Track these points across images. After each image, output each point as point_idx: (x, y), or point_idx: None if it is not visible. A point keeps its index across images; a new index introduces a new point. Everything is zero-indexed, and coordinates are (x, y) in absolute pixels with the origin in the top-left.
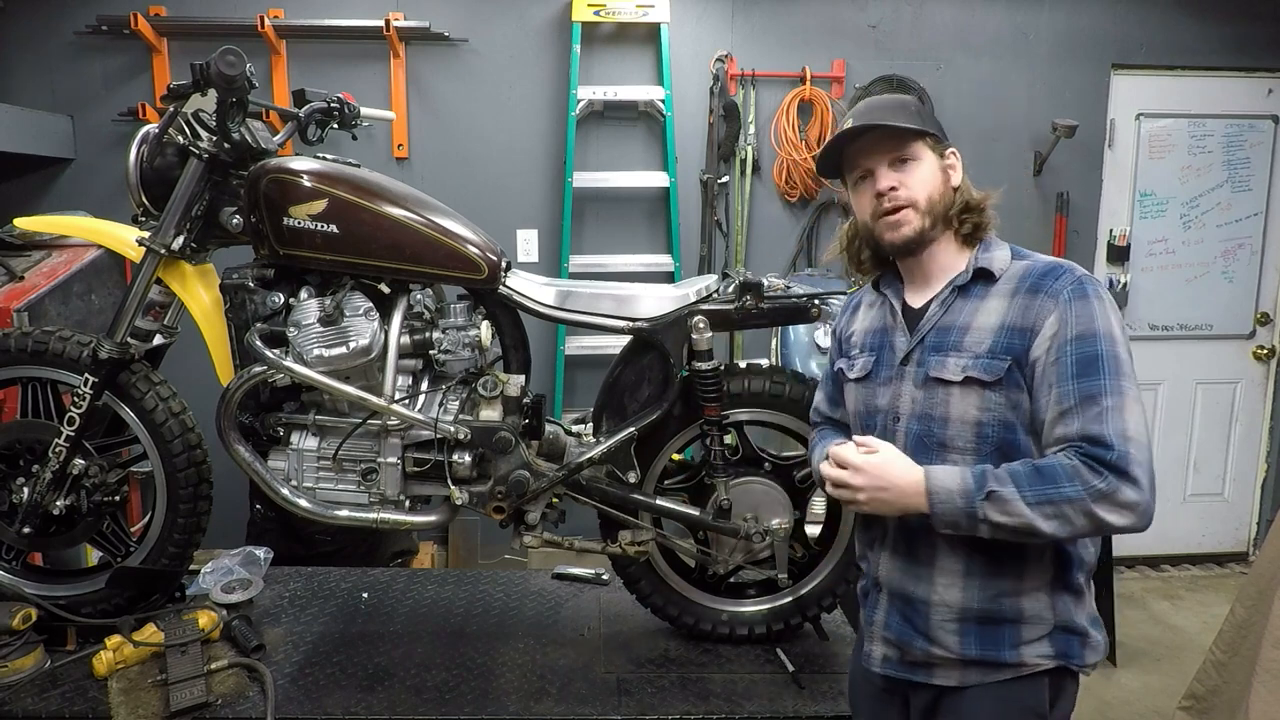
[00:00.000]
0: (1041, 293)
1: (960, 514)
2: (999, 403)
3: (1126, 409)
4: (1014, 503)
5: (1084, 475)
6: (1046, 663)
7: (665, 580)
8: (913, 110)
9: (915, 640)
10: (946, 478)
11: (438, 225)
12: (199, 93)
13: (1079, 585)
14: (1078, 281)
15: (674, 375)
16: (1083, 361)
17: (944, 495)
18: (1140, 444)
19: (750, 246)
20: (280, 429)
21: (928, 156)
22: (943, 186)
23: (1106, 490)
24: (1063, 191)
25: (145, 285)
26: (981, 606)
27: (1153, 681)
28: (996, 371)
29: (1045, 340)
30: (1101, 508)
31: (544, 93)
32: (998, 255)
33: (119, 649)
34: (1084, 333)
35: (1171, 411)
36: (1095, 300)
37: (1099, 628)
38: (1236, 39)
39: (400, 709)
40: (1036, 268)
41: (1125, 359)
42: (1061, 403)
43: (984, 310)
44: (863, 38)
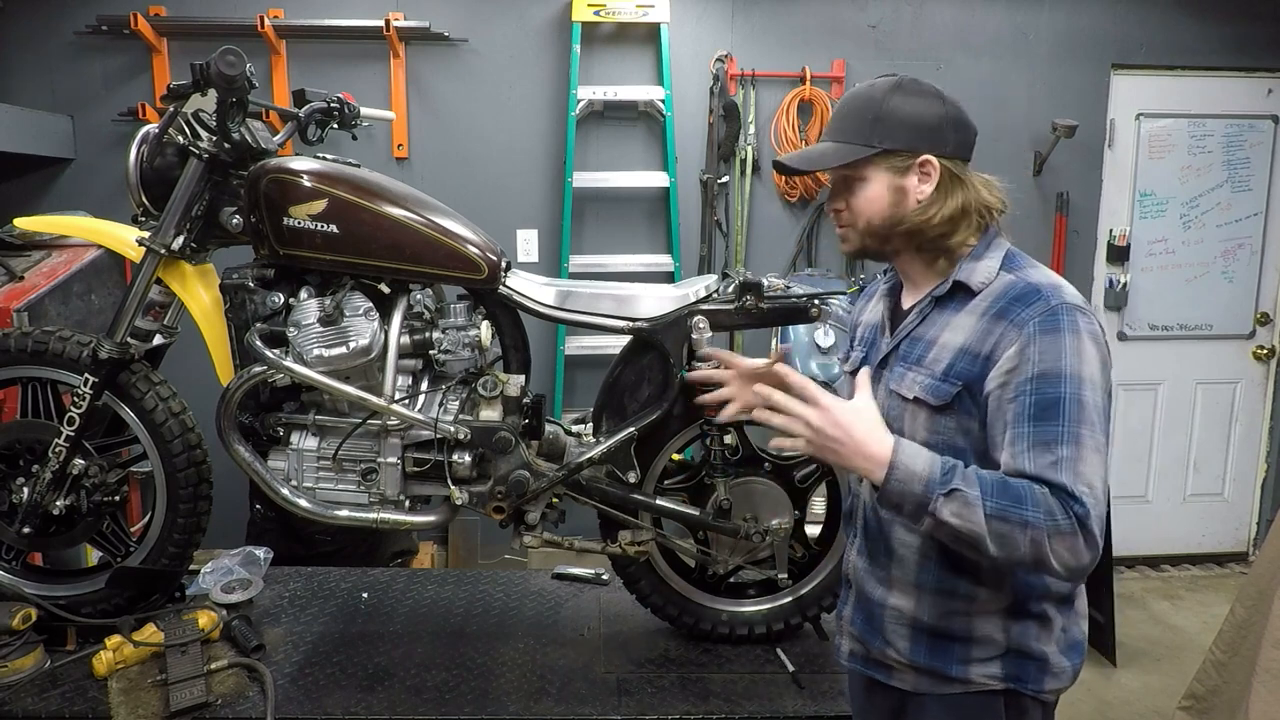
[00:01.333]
0: (1006, 320)
1: (912, 500)
2: (948, 427)
3: (1083, 460)
4: (974, 508)
5: (1051, 507)
6: (994, 684)
7: (665, 580)
8: (869, 118)
9: (874, 639)
10: (915, 460)
11: (438, 225)
12: (199, 93)
13: (1042, 612)
14: (1050, 312)
15: (674, 375)
16: (1041, 404)
17: (904, 475)
18: (1094, 498)
19: (750, 246)
20: (280, 429)
21: (876, 177)
22: (891, 208)
23: (1066, 531)
24: (1063, 191)
25: (145, 285)
26: (931, 621)
27: (1153, 681)
28: (944, 396)
29: (1001, 374)
30: (1053, 546)
31: (544, 93)
32: (983, 266)
33: (119, 649)
34: (1046, 372)
35: (1171, 411)
36: (1067, 335)
37: (1072, 654)
38: (1236, 39)
39: (400, 709)
40: (1015, 288)
41: (1093, 404)
42: (1015, 444)
43: (953, 327)
44: (863, 38)
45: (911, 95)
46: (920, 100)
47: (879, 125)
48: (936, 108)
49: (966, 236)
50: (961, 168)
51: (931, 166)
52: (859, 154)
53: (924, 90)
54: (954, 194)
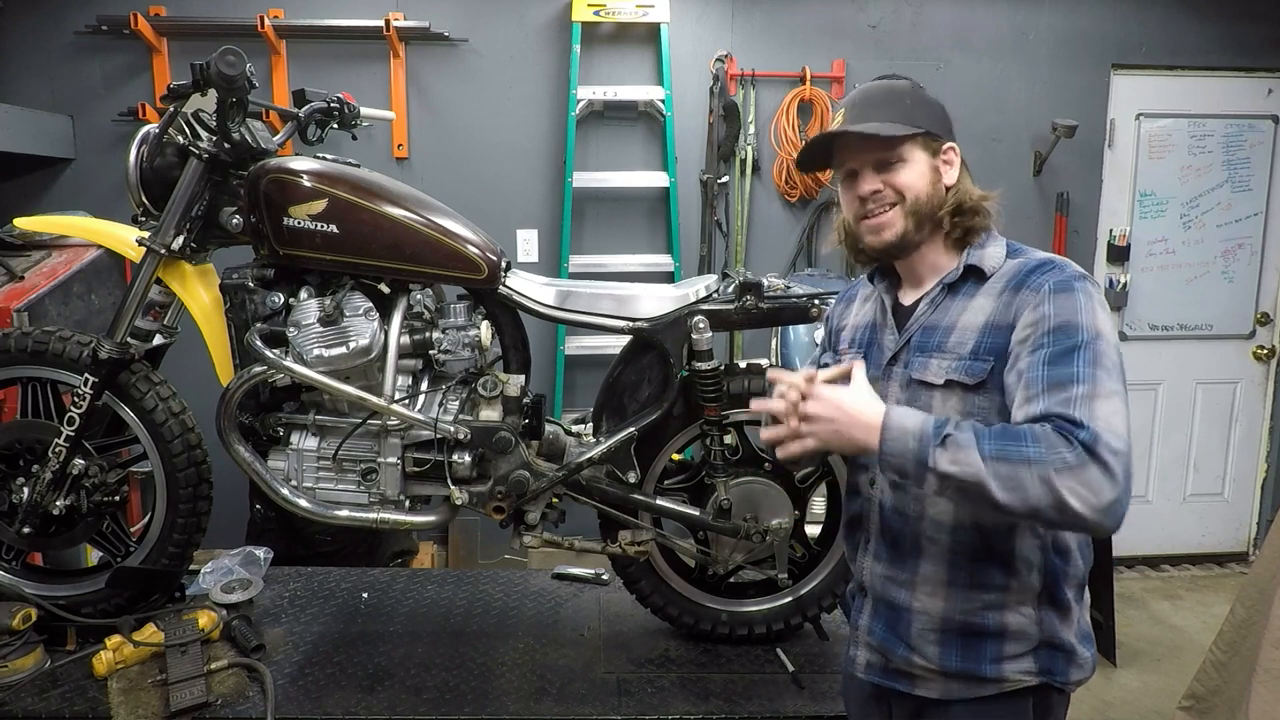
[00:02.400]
0: (1026, 288)
1: (910, 458)
2: (983, 406)
3: (1099, 398)
4: (968, 450)
5: (1052, 441)
6: (1029, 679)
7: (665, 580)
8: (906, 104)
9: (897, 648)
10: (905, 416)
11: (438, 225)
12: (199, 93)
13: (1066, 600)
14: (1065, 278)
15: (674, 375)
16: (1058, 353)
17: (897, 433)
18: (1115, 434)
19: (750, 246)
20: (280, 429)
21: (917, 156)
22: (931, 188)
23: (1074, 463)
24: (1063, 191)
25: (145, 285)
26: (964, 618)
27: (1153, 681)
28: (979, 374)
29: (1023, 329)
30: (1064, 481)
31: (544, 93)
32: (991, 252)
33: (119, 649)
34: (1063, 324)
35: (1171, 411)
36: (1081, 295)
37: (1088, 644)
38: (1236, 39)
39: (400, 709)
40: (1028, 264)
41: (1109, 354)
42: (1028, 389)
43: (971, 309)
44: (863, 38)
45: (923, 91)
46: (934, 99)
47: (917, 110)
48: (941, 107)
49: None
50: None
51: (954, 153)
52: (912, 131)
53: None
54: (967, 181)
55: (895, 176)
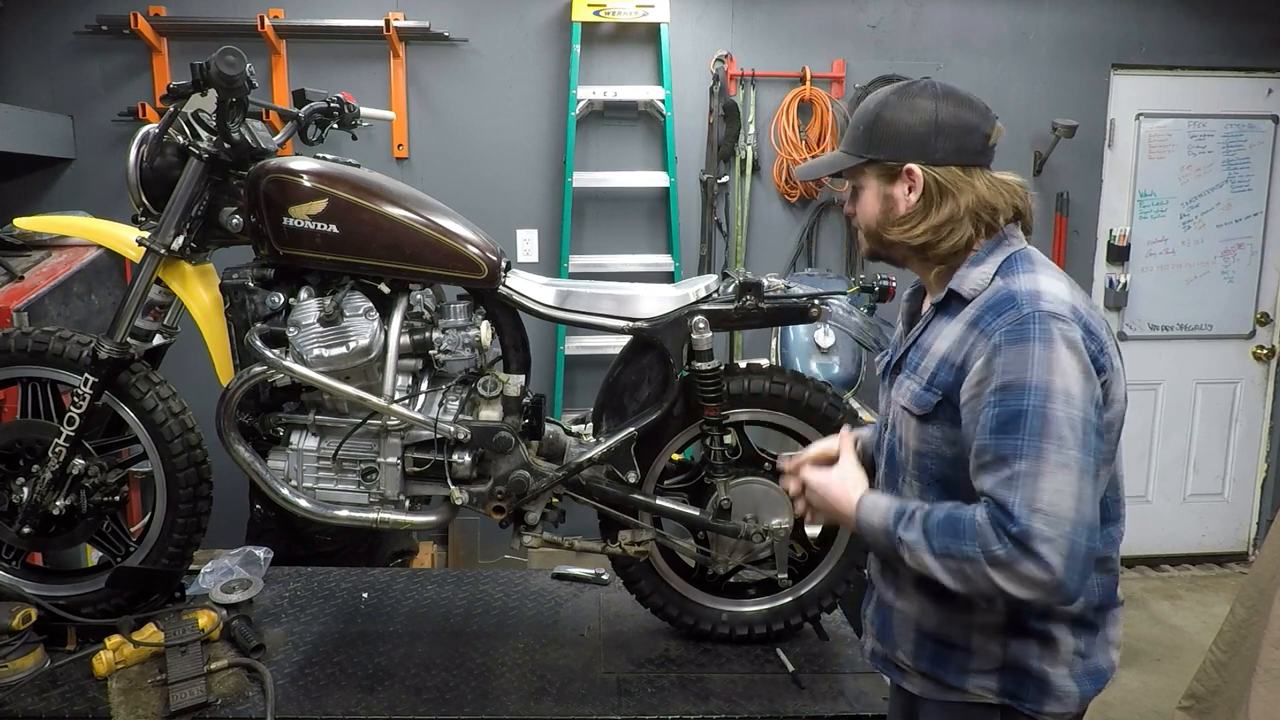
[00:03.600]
0: (978, 328)
1: (886, 550)
2: (935, 436)
3: (1043, 476)
4: (919, 552)
5: (986, 536)
6: (990, 697)
7: (665, 580)
8: (863, 126)
9: (887, 640)
10: (872, 513)
11: (438, 225)
12: (199, 93)
13: (1044, 631)
14: (1019, 321)
15: (674, 375)
16: (1003, 416)
17: (868, 530)
18: (1054, 516)
19: (750, 246)
20: (280, 429)
21: (870, 184)
22: (882, 215)
23: (1005, 559)
24: (1063, 191)
25: (145, 285)
26: (933, 627)
27: (1153, 681)
28: (925, 405)
29: (971, 385)
30: (999, 575)
31: (544, 93)
32: (978, 273)
33: (119, 649)
34: (1011, 384)
35: (1171, 411)
36: (1036, 344)
37: (1086, 681)
38: (1236, 39)
39: (400, 709)
40: (993, 298)
41: (1061, 417)
42: (980, 456)
43: (944, 335)
44: (863, 38)
45: (910, 100)
46: (913, 109)
47: (870, 135)
48: (927, 116)
49: (958, 243)
50: (955, 174)
51: (914, 177)
52: (848, 163)
53: (924, 93)
54: (943, 203)
55: (857, 202)
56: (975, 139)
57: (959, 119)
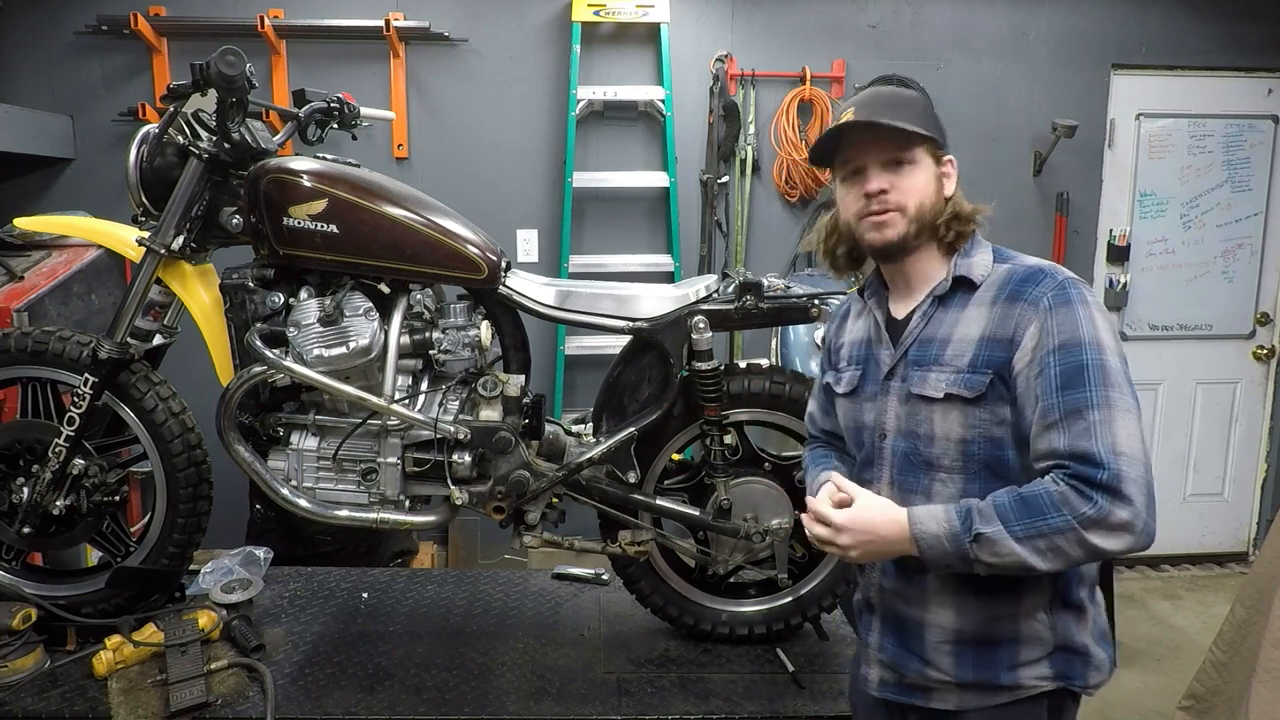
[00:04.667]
0: (1022, 300)
1: (953, 557)
2: (983, 419)
3: (1116, 421)
4: (1003, 542)
5: (1072, 502)
6: (1045, 684)
7: (665, 580)
8: (918, 110)
9: (910, 662)
10: (930, 522)
11: (438, 225)
12: (199, 93)
13: (1080, 601)
14: (1059, 286)
15: (674, 375)
16: (1067, 373)
17: (931, 541)
18: (1133, 458)
19: (750, 246)
20: (280, 429)
21: (925, 162)
22: (935, 195)
23: (1097, 515)
24: (1063, 191)
25: (145, 285)
26: (977, 629)
27: (1153, 681)
28: (978, 387)
29: (1027, 352)
30: (1095, 534)
31: (544, 93)
32: (978, 260)
33: (119, 649)
34: (1067, 342)
35: (1171, 411)
36: (1079, 305)
37: (1105, 644)
38: (1236, 39)
39: (400, 709)
40: (1018, 273)
41: (1114, 366)
42: (1046, 417)
43: (964, 321)
44: (863, 38)
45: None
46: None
47: (926, 116)
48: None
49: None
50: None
51: (953, 166)
52: (927, 133)
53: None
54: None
55: (904, 179)
56: None
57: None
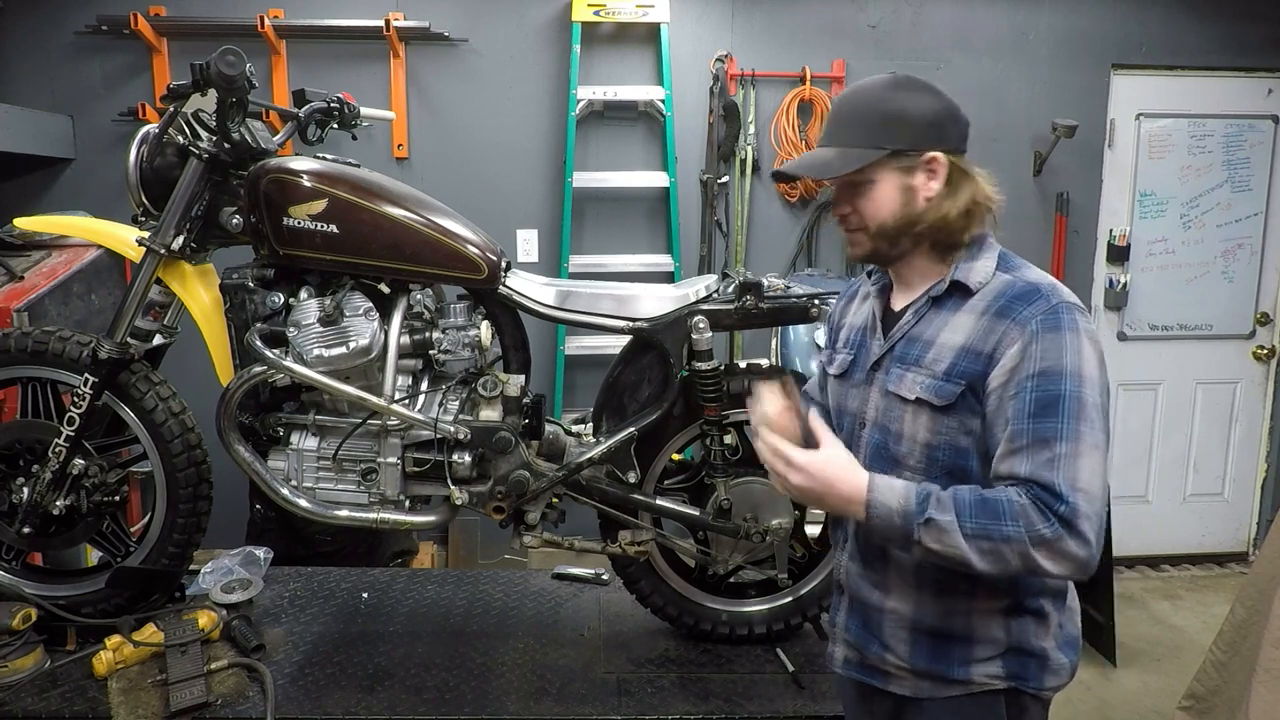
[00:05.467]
0: (1009, 318)
1: (896, 533)
2: (951, 427)
3: (1082, 456)
4: (951, 533)
5: (1030, 517)
6: (997, 683)
7: (665, 580)
8: (873, 121)
9: (871, 645)
10: (889, 494)
11: (438, 225)
12: (199, 93)
13: (1040, 608)
14: (1052, 310)
15: (674, 375)
16: (1042, 401)
17: (882, 511)
18: (1091, 495)
19: (750, 246)
20: (280, 429)
21: (885, 176)
22: (902, 209)
23: (1050, 538)
24: (1063, 191)
25: (145, 285)
26: (931, 622)
27: (1153, 681)
28: (947, 396)
29: (1004, 372)
30: (1040, 553)
31: (544, 93)
32: (979, 266)
33: (119, 649)
34: (1048, 369)
35: (1171, 411)
36: (1069, 333)
37: (1070, 650)
38: (1236, 39)
39: (400, 709)
40: (1015, 287)
41: (1091, 401)
42: (1014, 441)
43: (951, 326)
44: (863, 38)
45: (911, 91)
46: (920, 96)
47: (883, 126)
48: (935, 102)
49: (973, 230)
50: (967, 161)
51: (939, 163)
52: (867, 158)
53: (921, 85)
54: (963, 187)
55: (861, 199)
56: (967, 128)
57: (956, 108)
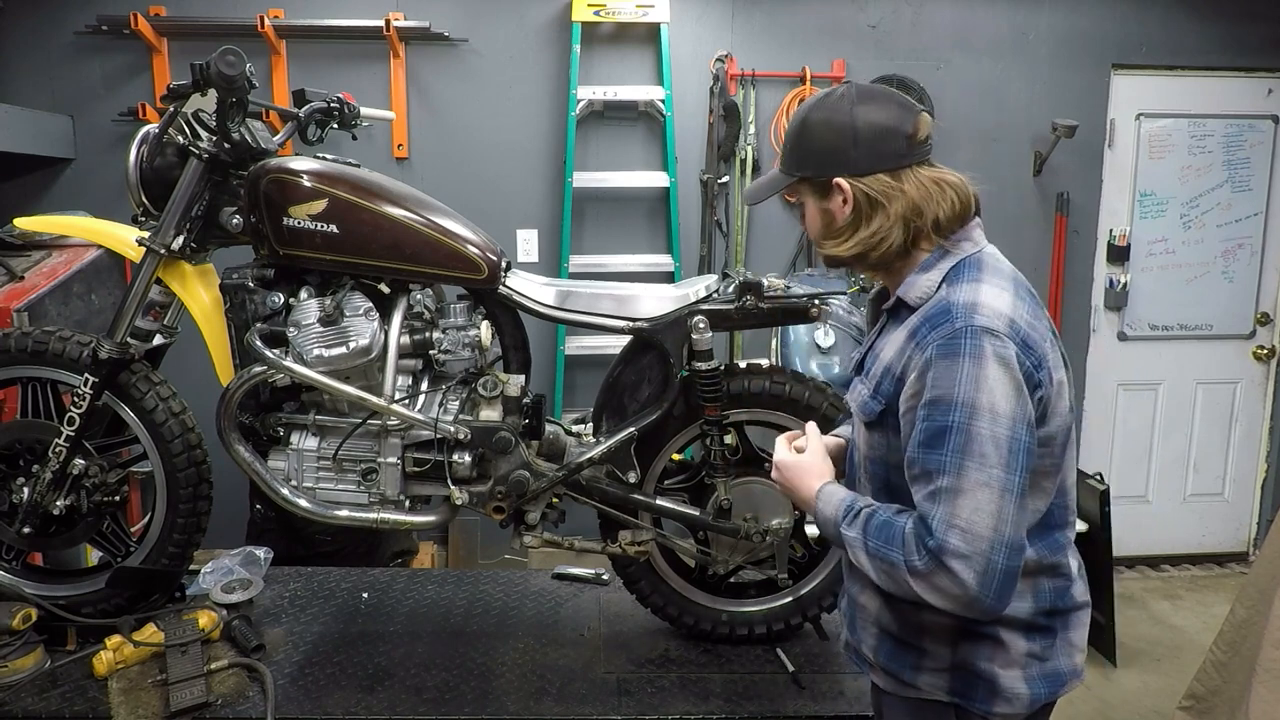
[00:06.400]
0: (914, 341)
1: (835, 541)
2: (879, 442)
3: (962, 494)
4: (858, 549)
5: (910, 546)
6: (940, 695)
7: (665, 580)
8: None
9: (854, 633)
10: (827, 503)
11: (438, 225)
12: (199, 93)
13: (992, 634)
14: (952, 335)
15: (674, 375)
16: (930, 430)
17: (821, 519)
18: (971, 535)
19: (750, 246)
20: (280, 429)
21: (807, 201)
22: (821, 229)
23: (922, 570)
24: (1063, 191)
25: (145, 285)
26: (889, 624)
27: (1153, 681)
28: (870, 414)
29: (907, 398)
30: (917, 584)
31: (544, 93)
32: (923, 281)
33: (119, 649)
34: (938, 398)
35: (1171, 411)
36: (966, 360)
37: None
38: (1236, 39)
39: (400, 709)
40: (934, 307)
41: (982, 434)
42: (909, 468)
43: (891, 342)
44: (863, 38)
45: (823, 115)
46: (829, 122)
47: (797, 152)
48: (843, 127)
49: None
50: (883, 182)
51: (844, 190)
52: (785, 182)
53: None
54: (874, 214)
55: (803, 219)
56: (896, 142)
57: (874, 125)
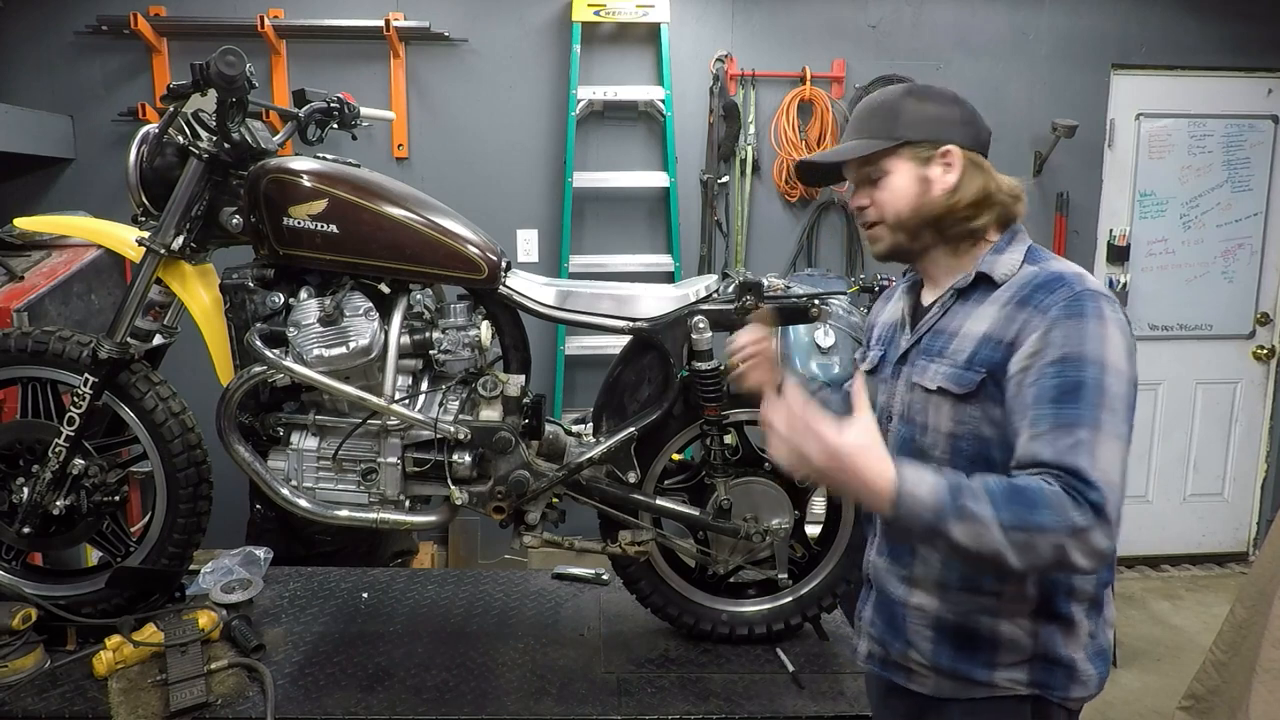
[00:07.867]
0: (1030, 306)
1: (924, 528)
2: (973, 416)
3: (1103, 444)
4: (987, 525)
5: (1064, 505)
6: (1020, 689)
7: (665, 580)
8: (891, 114)
9: (895, 641)
10: (920, 488)
11: (438, 225)
12: (199, 93)
13: (1069, 615)
14: (1075, 297)
15: (674, 375)
16: (1065, 387)
17: (911, 504)
18: (1114, 486)
19: (750, 246)
20: (280, 429)
21: (900, 167)
22: (917, 199)
23: (1084, 526)
24: (1063, 191)
25: (145, 285)
26: (957, 620)
27: (1153, 681)
28: (968, 384)
29: (1024, 358)
30: (1074, 544)
31: (544, 93)
32: (1006, 259)
33: (119, 649)
34: (1070, 355)
35: (1171, 411)
36: (1094, 321)
37: (1099, 661)
38: (1236, 39)
39: (400, 709)
40: (1039, 277)
41: (1116, 391)
42: (1035, 426)
43: (975, 317)
44: (863, 38)
45: (930, 96)
46: (939, 99)
47: (901, 119)
48: (956, 107)
49: (990, 222)
50: (981, 159)
51: (953, 156)
52: (882, 145)
53: (942, 92)
54: (976, 181)
55: (879, 191)
56: (987, 135)
57: (978, 117)
